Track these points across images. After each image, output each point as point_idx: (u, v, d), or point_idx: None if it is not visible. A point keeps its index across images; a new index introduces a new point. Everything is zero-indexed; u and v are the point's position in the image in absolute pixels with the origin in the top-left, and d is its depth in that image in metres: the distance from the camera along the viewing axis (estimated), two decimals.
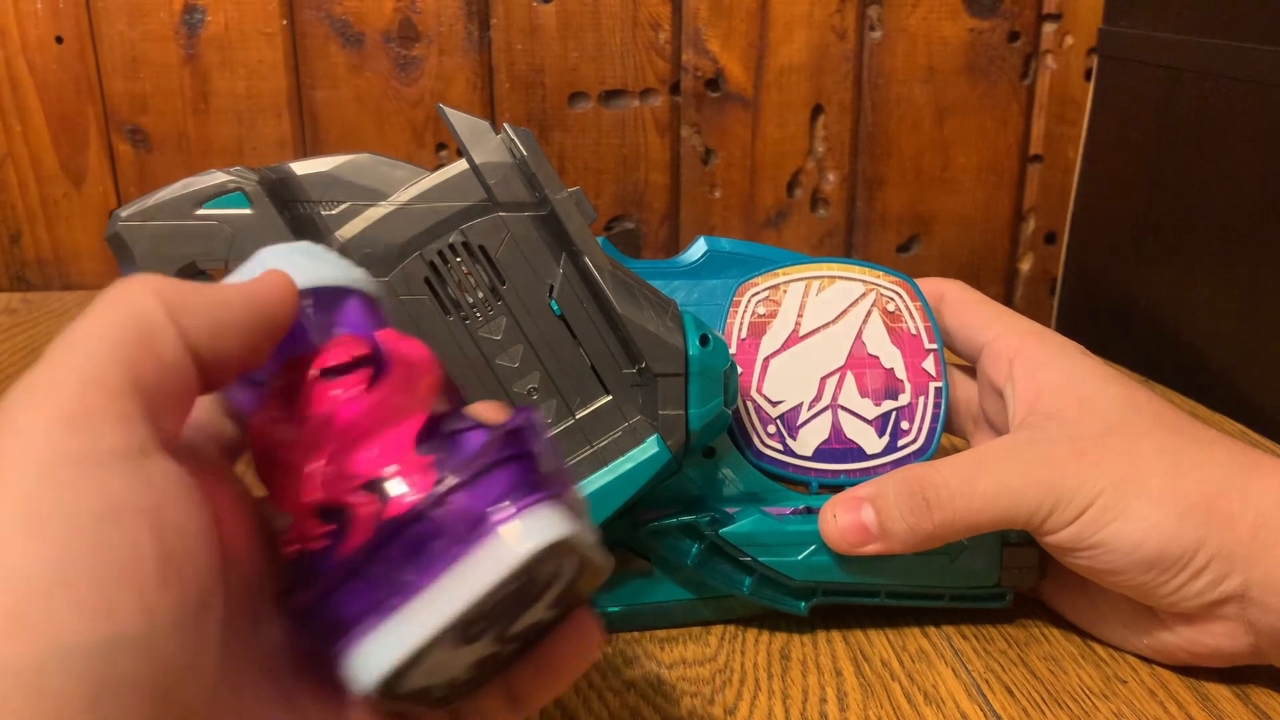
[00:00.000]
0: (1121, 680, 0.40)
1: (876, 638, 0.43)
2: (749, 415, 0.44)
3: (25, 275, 0.90)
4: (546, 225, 0.39)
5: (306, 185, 0.38)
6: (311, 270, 0.29)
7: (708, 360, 0.39)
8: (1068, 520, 0.38)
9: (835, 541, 0.41)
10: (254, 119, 0.86)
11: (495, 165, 0.38)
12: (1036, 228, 0.92)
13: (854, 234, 0.91)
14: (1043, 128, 0.89)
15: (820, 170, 0.90)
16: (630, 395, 0.40)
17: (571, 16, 0.85)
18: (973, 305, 0.46)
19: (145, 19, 0.84)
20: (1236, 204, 0.63)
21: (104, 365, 0.23)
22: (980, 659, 0.42)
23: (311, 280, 0.29)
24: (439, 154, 0.88)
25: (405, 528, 0.25)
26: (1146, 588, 0.38)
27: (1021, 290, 0.94)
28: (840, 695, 0.40)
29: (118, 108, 0.86)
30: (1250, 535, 0.37)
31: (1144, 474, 0.38)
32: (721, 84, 0.87)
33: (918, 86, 0.88)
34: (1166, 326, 0.70)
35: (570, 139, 0.88)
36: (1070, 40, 0.87)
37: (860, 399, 0.45)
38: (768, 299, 0.45)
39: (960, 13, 0.86)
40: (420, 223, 0.38)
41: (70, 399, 0.22)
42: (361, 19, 0.85)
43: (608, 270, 0.39)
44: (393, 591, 0.24)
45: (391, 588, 0.24)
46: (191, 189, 0.38)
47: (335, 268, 0.30)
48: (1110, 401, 0.41)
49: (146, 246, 0.38)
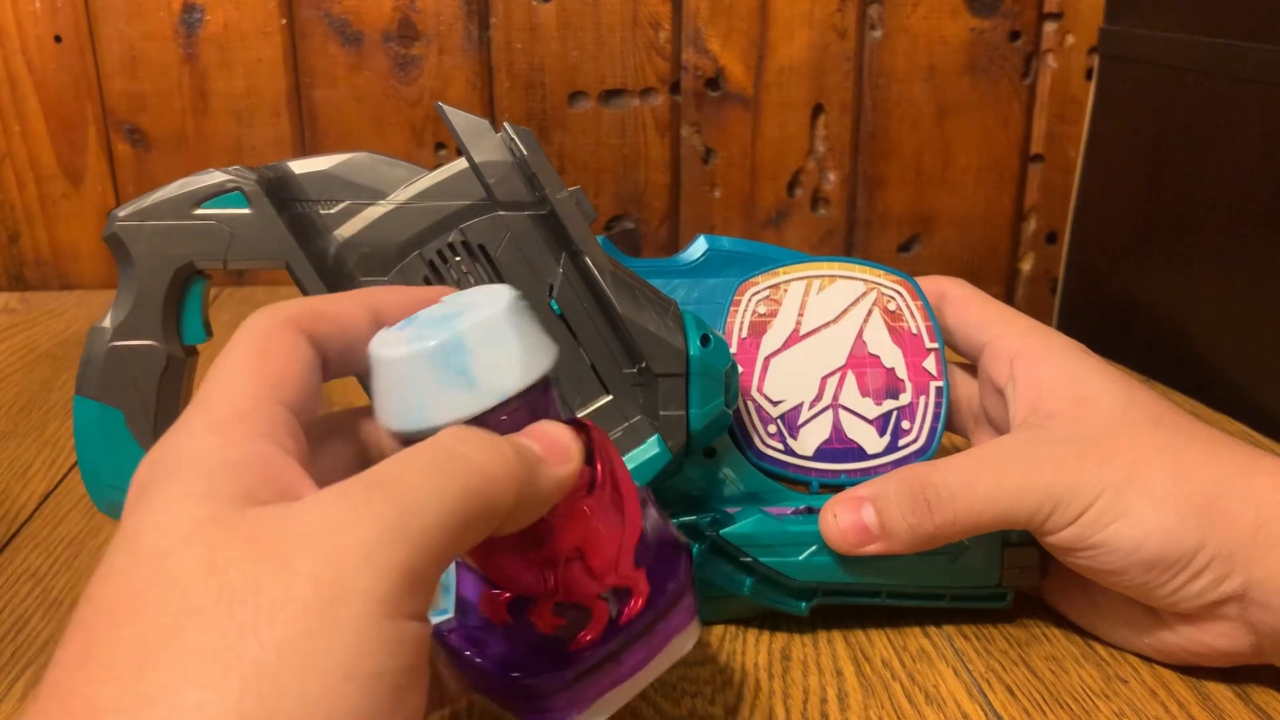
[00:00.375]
0: (1122, 680, 0.40)
1: (877, 638, 0.43)
2: (750, 415, 0.44)
3: (24, 275, 0.90)
4: (546, 225, 0.39)
5: (305, 184, 0.38)
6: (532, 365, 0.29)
7: (709, 360, 0.39)
8: (1069, 520, 0.38)
9: (836, 542, 0.41)
10: (253, 118, 0.86)
11: (495, 164, 0.38)
12: (1037, 227, 0.92)
13: (854, 233, 0.91)
14: (1044, 127, 0.89)
15: (821, 170, 0.89)
16: (630, 395, 0.39)
17: (571, 16, 0.85)
18: (974, 304, 0.46)
19: (144, 18, 0.84)
20: (1237, 203, 0.63)
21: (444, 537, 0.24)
22: (981, 659, 0.42)
23: (532, 377, 0.29)
24: (438, 153, 0.88)
25: (629, 635, 0.30)
26: (1147, 588, 0.38)
27: (1022, 290, 0.94)
28: (841, 695, 0.39)
29: (116, 107, 0.86)
30: (1251, 535, 0.37)
31: (1145, 474, 0.38)
32: (722, 83, 0.87)
33: (918, 86, 0.87)
34: (1167, 326, 0.70)
35: (570, 138, 0.88)
36: (1071, 39, 0.87)
37: (861, 398, 0.45)
38: (768, 298, 0.45)
39: (961, 12, 0.86)
40: (419, 222, 0.38)
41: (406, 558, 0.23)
42: (361, 18, 0.85)
43: (608, 270, 0.38)
44: (597, 683, 0.30)
45: (596, 678, 0.30)
46: (190, 188, 0.38)
47: (546, 350, 0.29)
48: (1111, 401, 0.41)
49: (144, 246, 0.38)
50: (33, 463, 0.58)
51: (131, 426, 0.39)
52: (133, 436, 0.39)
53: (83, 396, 0.39)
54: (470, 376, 0.27)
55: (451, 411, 0.27)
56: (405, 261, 0.38)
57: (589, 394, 0.39)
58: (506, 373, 0.28)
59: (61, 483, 0.55)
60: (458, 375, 0.27)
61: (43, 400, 0.66)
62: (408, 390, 0.28)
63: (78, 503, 0.53)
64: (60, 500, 0.53)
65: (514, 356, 0.28)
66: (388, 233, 0.38)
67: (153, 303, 0.38)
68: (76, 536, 0.50)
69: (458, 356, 0.27)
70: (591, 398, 0.39)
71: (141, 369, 0.38)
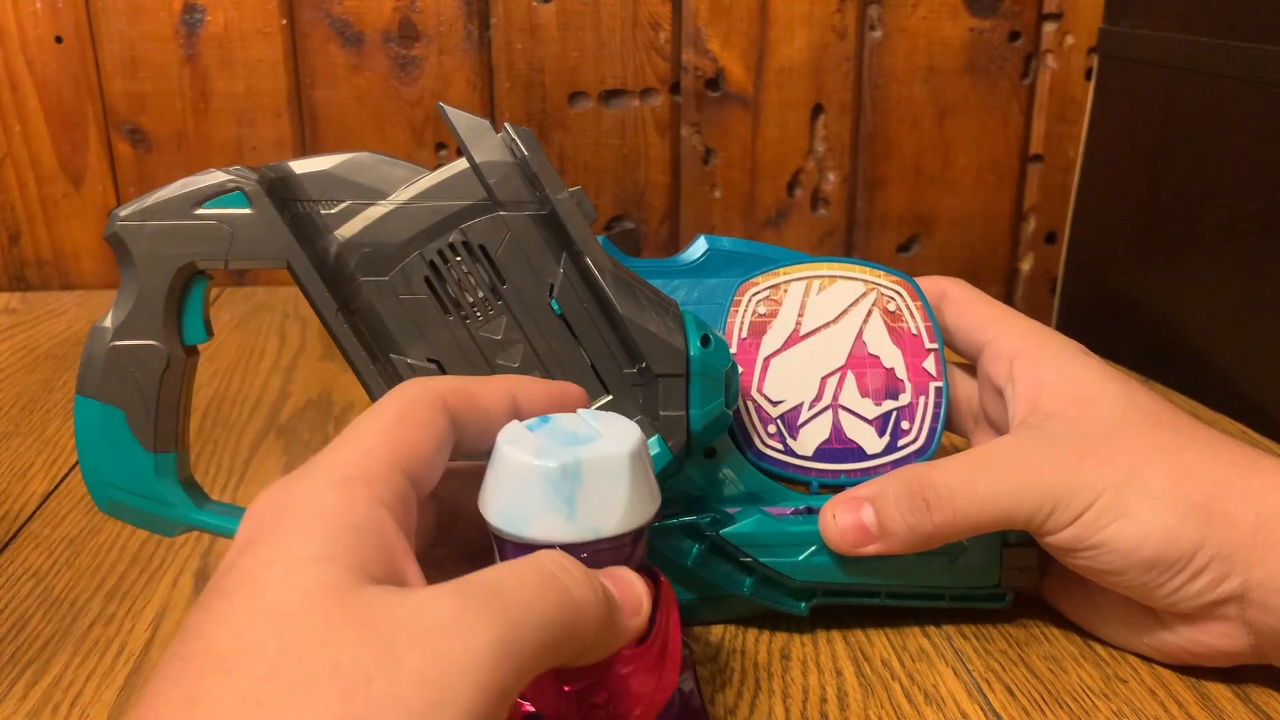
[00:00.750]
0: (1122, 680, 0.40)
1: (877, 637, 0.43)
2: (749, 415, 0.44)
3: (25, 275, 0.90)
4: (547, 225, 0.39)
5: (306, 184, 0.38)
6: (634, 515, 0.30)
7: (709, 361, 0.39)
8: (1068, 521, 0.38)
9: (835, 542, 0.41)
10: (253, 119, 0.86)
11: (496, 164, 0.38)
12: (1037, 227, 0.92)
13: (854, 234, 0.91)
14: (1043, 127, 0.89)
15: (820, 170, 0.89)
16: (631, 395, 0.39)
17: (571, 16, 0.85)
18: (974, 304, 0.46)
19: (145, 19, 0.84)
20: (1237, 203, 0.63)
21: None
22: (980, 659, 0.42)
23: (628, 527, 0.30)
24: (438, 153, 0.88)
25: None
26: (1146, 588, 0.38)
27: (1022, 290, 0.94)
28: (840, 695, 0.40)
29: (117, 107, 0.86)
30: (1250, 535, 0.37)
31: (1145, 474, 0.38)
32: (721, 84, 0.87)
33: (918, 86, 0.88)
34: (1167, 326, 0.70)
35: (570, 139, 0.88)
36: (1071, 40, 0.87)
37: (861, 399, 0.45)
38: (768, 298, 0.45)
39: (961, 12, 0.86)
40: (420, 222, 0.38)
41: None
42: (361, 18, 0.85)
43: (609, 270, 0.38)
44: None
45: None
46: (191, 188, 0.38)
47: (650, 502, 0.31)
48: (1111, 401, 0.41)
49: (145, 246, 0.38)
50: (33, 462, 0.58)
51: (132, 426, 0.39)
52: (133, 436, 0.39)
53: (84, 396, 0.39)
54: (574, 507, 0.29)
55: (545, 532, 0.29)
56: (406, 261, 0.38)
57: (589, 394, 0.39)
58: (608, 517, 0.29)
59: (62, 482, 0.55)
60: (564, 503, 0.29)
61: (43, 400, 0.66)
62: (516, 495, 0.29)
63: (78, 502, 0.53)
64: (61, 500, 0.54)
65: (620, 503, 0.29)
66: (389, 233, 0.38)
67: (154, 302, 0.38)
68: (77, 536, 0.50)
69: (569, 485, 0.29)
70: (592, 398, 0.39)
71: (142, 368, 0.38)
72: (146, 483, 0.39)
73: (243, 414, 0.64)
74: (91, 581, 0.46)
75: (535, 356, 0.39)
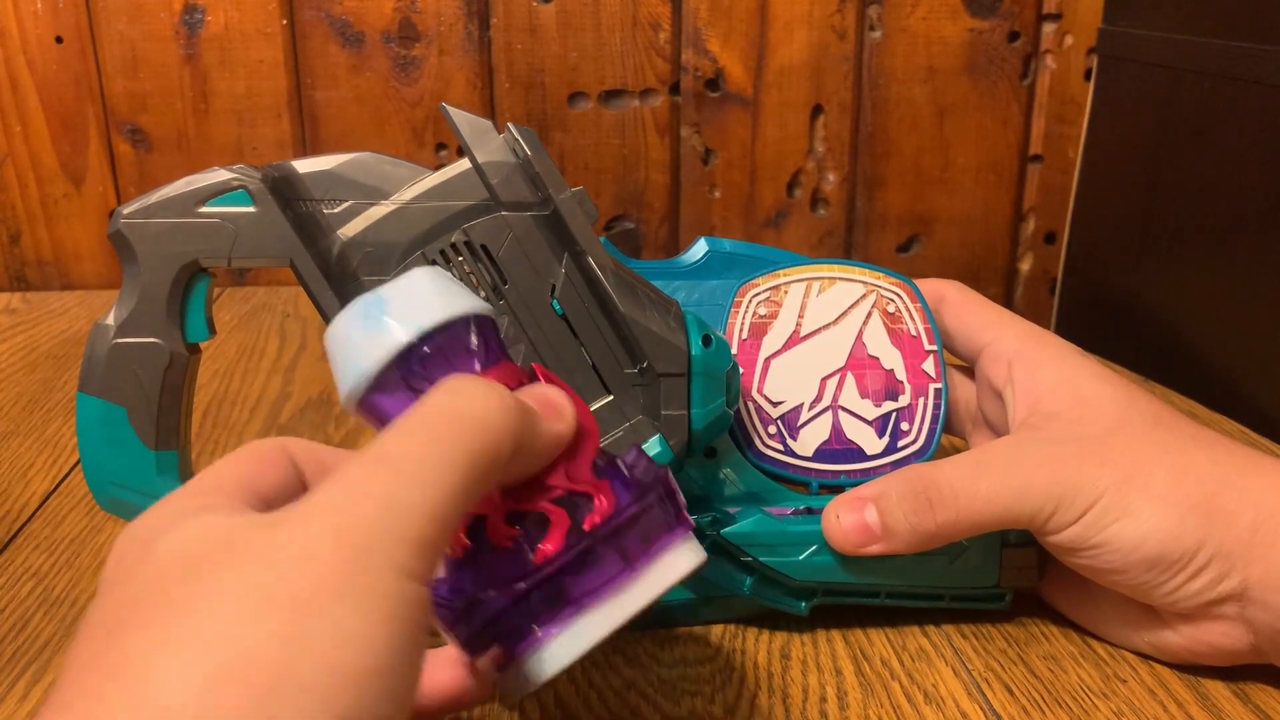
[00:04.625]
0: (1121, 679, 0.41)
1: (876, 637, 0.43)
2: (750, 416, 0.44)
3: (25, 275, 0.90)
4: (549, 225, 0.39)
5: (309, 183, 0.38)
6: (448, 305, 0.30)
7: (710, 360, 0.39)
8: (1070, 520, 0.38)
9: (839, 542, 0.41)
10: (254, 119, 0.87)
11: (498, 164, 0.38)
12: (1036, 228, 0.92)
13: (854, 234, 0.91)
14: (1043, 127, 0.89)
15: (820, 170, 0.90)
16: (632, 395, 0.40)
17: (571, 16, 0.85)
18: (972, 307, 0.46)
19: (145, 19, 0.84)
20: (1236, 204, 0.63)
21: None
22: (980, 658, 0.42)
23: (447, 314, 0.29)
24: (439, 154, 0.88)
25: (596, 541, 0.29)
26: (1147, 587, 0.38)
27: (1021, 290, 0.94)
28: (840, 694, 0.40)
29: (118, 107, 0.86)
30: (1250, 534, 0.37)
31: (1146, 474, 0.38)
32: (721, 84, 0.87)
33: (917, 86, 0.88)
34: (1166, 326, 0.70)
35: (570, 139, 0.88)
36: (1070, 40, 0.87)
37: (860, 400, 0.45)
38: (768, 300, 0.45)
39: (960, 13, 0.86)
40: (422, 222, 0.38)
41: None
42: (361, 19, 0.85)
43: (611, 270, 0.38)
44: (575, 598, 0.28)
45: (574, 593, 0.28)
46: (194, 186, 0.38)
47: (465, 297, 0.30)
48: (1110, 402, 0.41)
49: (149, 244, 0.38)
50: (34, 462, 0.58)
51: (134, 424, 0.39)
52: (135, 433, 0.39)
53: (85, 393, 0.39)
54: (388, 317, 0.29)
55: (377, 351, 0.29)
56: (408, 261, 0.38)
57: (590, 393, 0.39)
58: (424, 310, 0.29)
59: (63, 482, 0.55)
60: (377, 321, 0.29)
61: (44, 400, 0.66)
62: (347, 353, 0.29)
63: (79, 502, 0.53)
64: (62, 500, 0.54)
65: (429, 295, 0.29)
66: (391, 232, 0.38)
67: (156, 300, 0.38)
68: (78, 536, 0.50)
69: (376, 308, 0.29)
70: (593, 397, 0.39)
71: (145, 366, 0.38)
72: (148, 480, 0.39)
73: (243, 414, 0.64)
74: (92, 581, 0.47)
75: (536, 356, 0.39)
